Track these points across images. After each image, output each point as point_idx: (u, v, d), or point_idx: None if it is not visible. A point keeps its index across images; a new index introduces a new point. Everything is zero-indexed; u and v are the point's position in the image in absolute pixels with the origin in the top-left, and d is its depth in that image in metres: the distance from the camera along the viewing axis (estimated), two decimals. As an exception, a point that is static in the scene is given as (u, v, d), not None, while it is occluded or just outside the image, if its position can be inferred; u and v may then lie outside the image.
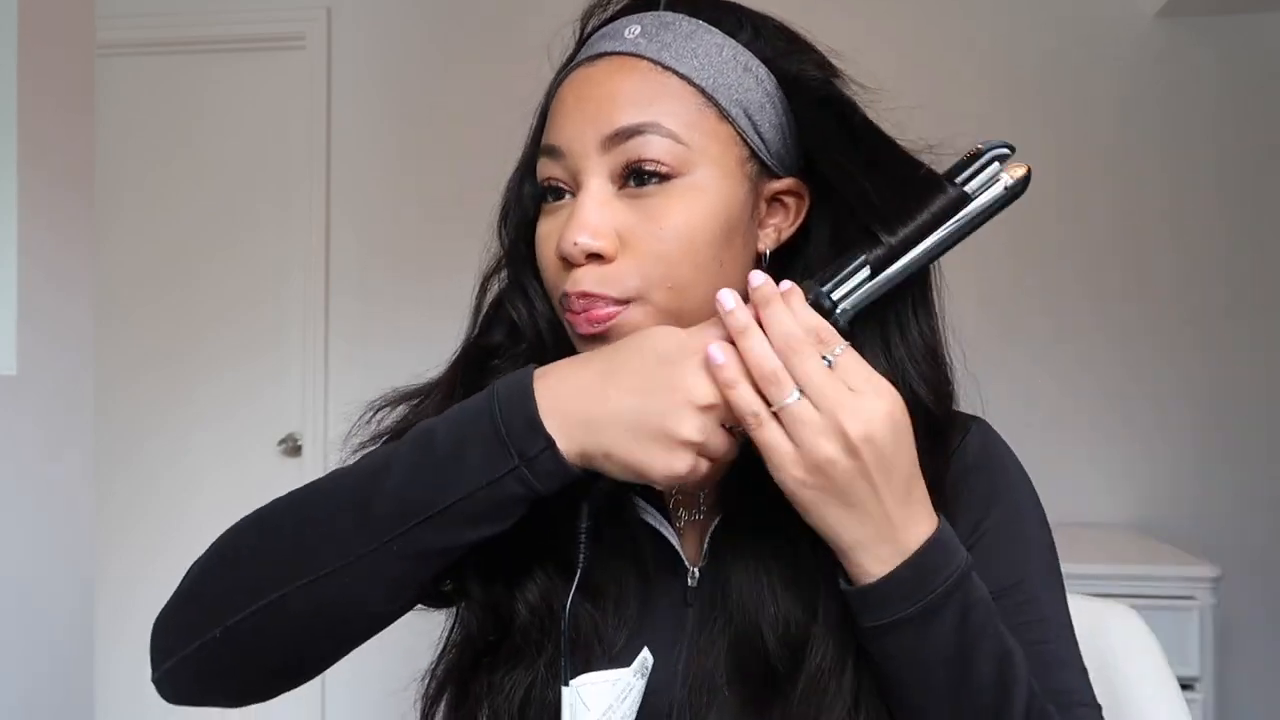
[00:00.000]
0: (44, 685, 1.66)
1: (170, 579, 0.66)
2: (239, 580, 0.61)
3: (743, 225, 0.65)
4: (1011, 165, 0.61)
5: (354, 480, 0.61)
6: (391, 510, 0.58)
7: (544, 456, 0.57)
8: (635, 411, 0.57)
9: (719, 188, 0.63)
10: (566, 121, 0.65)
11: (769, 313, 0.57)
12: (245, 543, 0.62)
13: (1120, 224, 2.47)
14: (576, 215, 0.63)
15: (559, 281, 0.65)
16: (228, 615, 0.60)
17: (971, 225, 0.62)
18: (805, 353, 0.56)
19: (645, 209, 0.63)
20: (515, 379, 0.59)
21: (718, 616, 0.66)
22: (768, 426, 0.56)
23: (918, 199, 0.61)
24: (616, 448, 0.57)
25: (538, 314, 0.71)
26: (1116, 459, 2.50)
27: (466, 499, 0.57)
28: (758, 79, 0.65)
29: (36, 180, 1.62)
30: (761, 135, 0.65)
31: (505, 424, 0.57)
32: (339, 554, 0.58)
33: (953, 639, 0.58)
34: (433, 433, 0.59)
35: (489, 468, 0.57)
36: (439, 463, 0.58)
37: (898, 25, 2.57)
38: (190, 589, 0.63)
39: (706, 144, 0.63)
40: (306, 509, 0.61)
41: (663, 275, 0.62)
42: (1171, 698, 0.90)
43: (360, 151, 2.81)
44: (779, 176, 0.67)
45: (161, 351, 2.89)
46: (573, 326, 0.65)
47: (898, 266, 0.61)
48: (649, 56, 0.64)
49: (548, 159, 0.66)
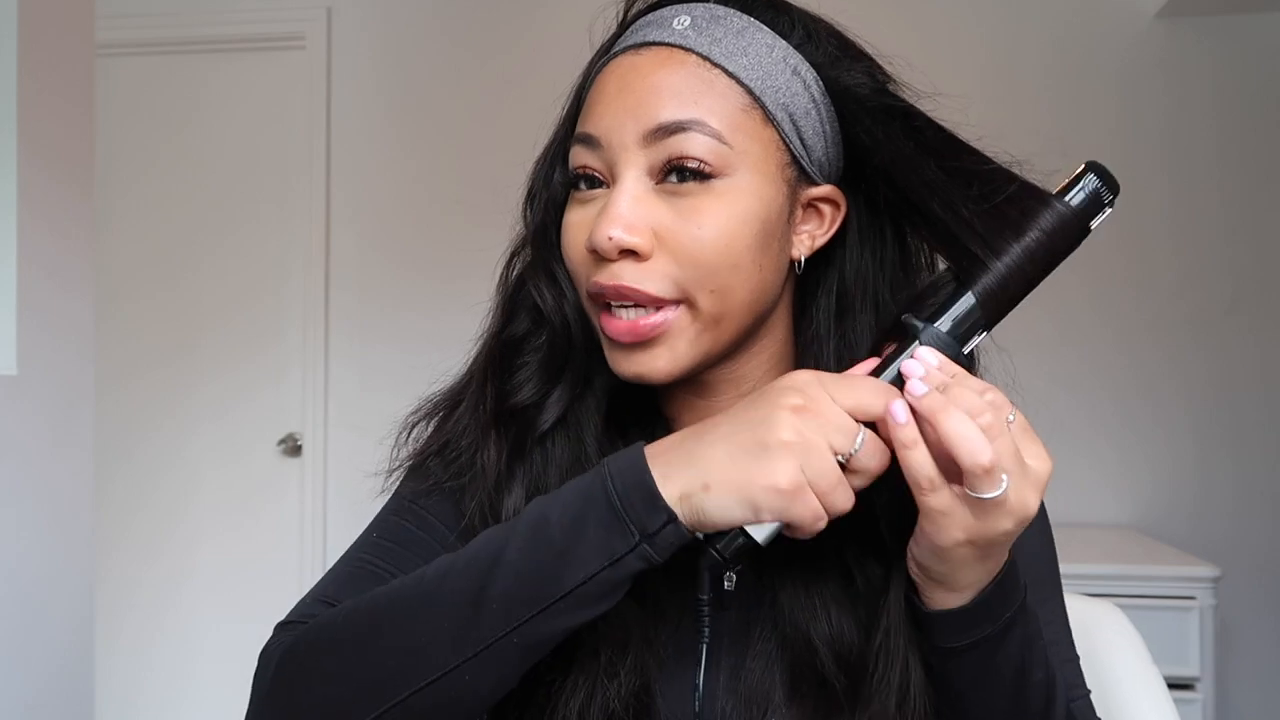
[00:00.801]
0: (44, 685, 1.66)
1: (170, 579, 0.65)
2: (358, 683, 0.57)
3: (779, 230, 0.63)
4: (1105, 188, 0.60)
5: (468, 572, 0.57)
6: (512, 602, 0.55)
7: (665, 531, 0.54)
8: (730, 433, 0.54)
9: (759, 191, 0.62)
10: (606, 111, 0.62)
11: (957, 396, 0.54)
12: (355, 638, 0.58)
13: (1120, 224, 2.46)
14: (611, 208, 0.61)
15: (588, 274, 0.63)
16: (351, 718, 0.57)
17: (1072, 244, 0.59)
18: (1004, 436, 0.53)
19: (683, 207, 0.61)
20: (627, 453, 0.57)
21: (760, 626, 0.65)
22: (942, 492, 0.54)
23: (1019, 215, 0.58)
24: (715, 473, 0.54)
25: (567, 302, 0.68)
26: (1116, 459, 2.50)
27: (587, 582, 0.54)
28: (805, 84, 0.63)
29: (36, 180, 1.62)
30: (804, 141, 0.63)
31: (623, 501, 0.54)
32: (460, 650, 0.56)
33: (1017, 658, 0.59)
34: (546, 517, 0.56)
35: (609, 548, 0.54)
36: (556, 550, 0.55)
37: (897, 25, 2.57)
38: (290, 687, 0.59)
39: (749, 145, 0.61)
40: (421, 604, 0.57)
41: (702, 277, 0.61)
42: (1156, 693, 0.92)
43: (360, 151, 2.81)
44: (816, 183, 0.65)
45: (161, 350, 2.89)
46: (606, 331, 0.63)
47: (1006, 294, 0.58)
48: (698, 51, 0.62)
49: (583, 147, 0.64)
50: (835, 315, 0.67)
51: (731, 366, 0.68)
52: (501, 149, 0.82)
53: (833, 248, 0.67)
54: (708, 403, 0.70)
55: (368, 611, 0.59)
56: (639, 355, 0.63)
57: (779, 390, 0.55)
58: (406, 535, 0.70)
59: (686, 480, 0.54)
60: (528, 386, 0.69)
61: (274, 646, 0.62)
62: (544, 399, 0.69)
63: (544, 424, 0.68)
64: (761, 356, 0.69)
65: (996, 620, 0.58)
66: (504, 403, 0.69)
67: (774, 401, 0.54)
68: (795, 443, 0.53)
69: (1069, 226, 0.59)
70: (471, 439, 0.69)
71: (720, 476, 0.53)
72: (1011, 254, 0.59)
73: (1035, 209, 0.59)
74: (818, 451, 0.53)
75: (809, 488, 0.53)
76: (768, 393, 0.55)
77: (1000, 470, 0.52)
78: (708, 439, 0.55)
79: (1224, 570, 2.06)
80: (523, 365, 0.69)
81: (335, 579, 0.68)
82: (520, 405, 0.69)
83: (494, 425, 0.68)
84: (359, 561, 0.69)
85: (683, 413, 0.71)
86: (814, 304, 0.68)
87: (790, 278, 0.67)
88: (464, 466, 0.69)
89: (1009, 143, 0.63)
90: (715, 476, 0.54)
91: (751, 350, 0.68)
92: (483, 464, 0.68)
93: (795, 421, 0.53)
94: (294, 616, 0.66)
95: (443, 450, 0.71)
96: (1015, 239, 0.58)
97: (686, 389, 0.70)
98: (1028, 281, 0.60)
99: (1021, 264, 0.59)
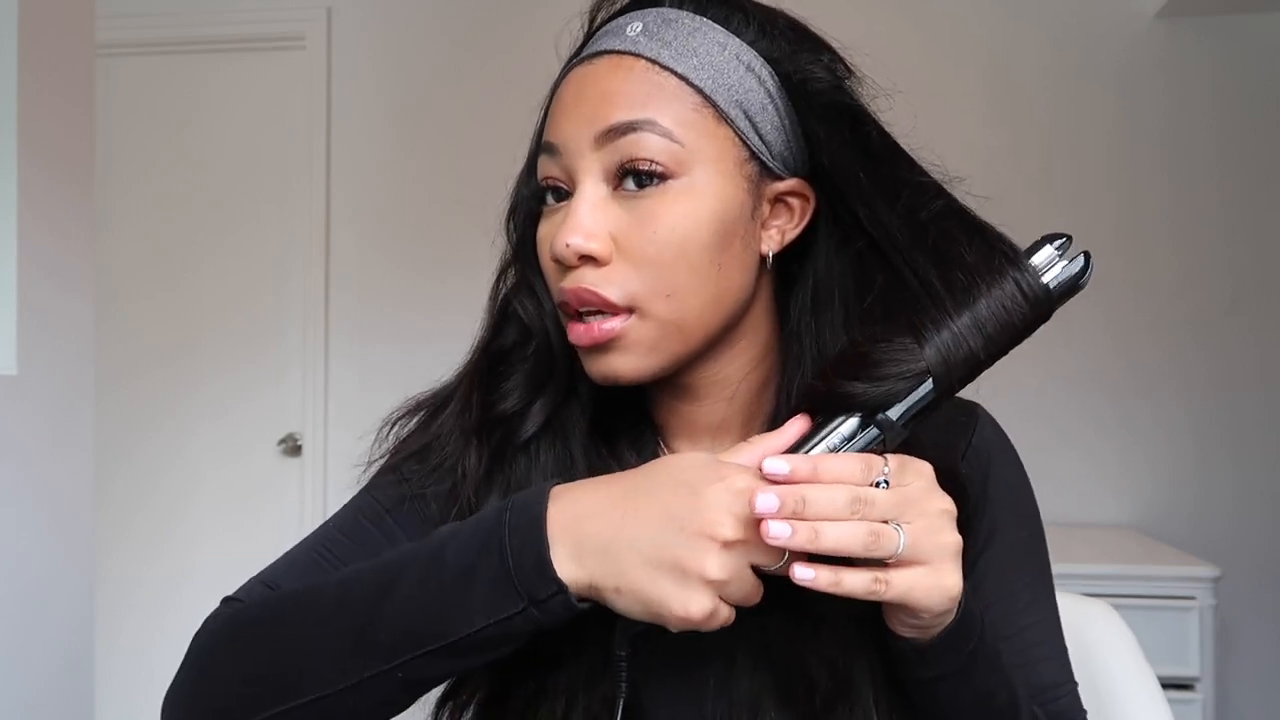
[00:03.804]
0: (44, 685, 1.66)
1: (170, 579, 0.66)
2: (245, 688, 0.59)
3: (741, 228, 0.64)
4: (1074, 257, 0.57)
5: (360, 599, 0.57)
6: (395, 639, 0.55)
7: (554, 601, 0.53)
8: (652, 541, 0.52)
9: (716, 190, 0.62)
10: (564, 119, 0.64)
11: (816, 509, 0.52)
12: (262, 637, 0.60)
13: (1120, 224, 2.48)
14: (570, 217, 0.62)
15: (556, 283, 0.64)
16: (240, 716, 0.59)
17: (1038, 320, 0.57)
18: (878, 503, 0.52)
19: (639, 212, 0.61)
20: (530, 502, 0.56)
21: (749, 633, 0.63)
22: (896, 576, 0.53)
23: (978, 261, 0.57)
24: (628, 580, 0.53)
25: (545, 313, 0.69)
26: (1116, 459, 2.50)
27: (473, 634, 0.54)
28: (760, 79, 0.64)
29: (36, 179, 1.62)
30: (762, 136, 0.64)
31: (515, 562, 0.54)
32: (346, 674, 0.56)
33: (985, 679, 0.60)
34: (443, 554, 0.56)
35: (495, 607, 0.54)
36: (445, 595, 0.55)
37: (897, 25, 2.57)
38: (207, 669, 0.62)
39: (703, 144, 0.62)
40: (310, 625, 0.58)
41: (658, 282, 0.61)
42: (1151, 693, 0.92)
43: (360, 151, 2.81)
44: (781, 178, 0.65)
45: (161, 350, 2.89)
46: (570, 337, 0.64)
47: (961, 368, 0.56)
48: (646, 55, 0.63)
49: (546, 156, 0.65)
50: (812, 311, 0.67)
51: (713, 368, 0.68)
52: (501, 149, 0.81)
53: (808, 241, 0.67)
54: (693, 407, 0.70)
55: (279, 613, 0.60)
56: (603, 358, 0.63)
57: (710, 506, 0.52)
58: (364, 535, 0.70)
59: (597, 574, 0.53)
60: (512, 396, 0.70)
61: (210, 622, 0.64)
62: (527, 408, 0.70)
63: (526, 432, 0.69)
64: (743, 358, 0.68)
65: (962, 651, 0.59)
66: (488, 411, 0.70)
67: (704, 523, 0.52)
68: (720, 580, 0.52)
69: (1040, 310, 0.57)
70: (455, 446, 0.70)
71: (634, 586, 0.53)
72: (970, 312, 0.56)
73: (1006, 279, 0.57)
74: (739, 579, 0.53)
75: (721, 608, 0.53)
76: (699, 499, 0.52)
77: (880, 542, 0.52)
78: (627, 535, 0.53)
79: (1224, 570, 2.06)
80: (509, 376, 0.70)
81: (284, 564, 0.70)
82: (504, 414, 0.69)
83: (476, 433, 0.69)
84: (312, 550, 0.70)
85: (669, 418, 0.71)
86: (792, 300, 0.68)
87: (765, 275, 0.67)
88: (446, 472, 0.70)
89: (1007, 143, 0.63)
90: (628, 583, 0.53)
91: (732, 350, 0.68)
92: (463, 470, 0.69)
93: (724, 560, 0.52)
94: (237, 594, 0.69)
95: (423, 452, 0.72)
96: (970, 294, 0.57)
97: (671, 394, 0.70)
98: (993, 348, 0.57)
99: (987, 340, 0.56)
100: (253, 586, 0.69)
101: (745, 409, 0.70)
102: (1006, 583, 0.69)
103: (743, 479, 0.53)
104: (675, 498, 0.53)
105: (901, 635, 0.59)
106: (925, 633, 0.58)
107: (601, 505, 0.55)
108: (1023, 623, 0.69)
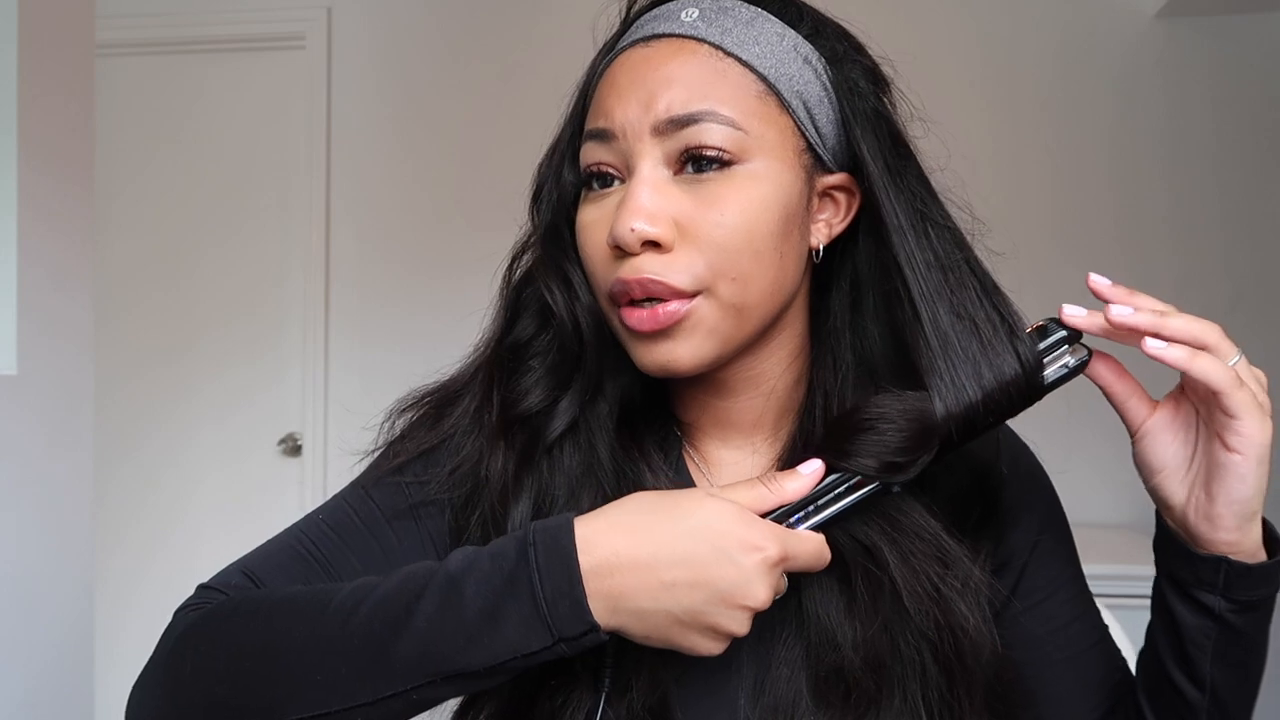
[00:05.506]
0: (44, 685, 1.66)
1: (170, 579, 0.65)
2: (247, 694, 0.56)
3: (799, 218, 0.63)
4: (1075, 348, 0.62)
5: (375, 622, 0.54)
6: (414, 665, 0.53)
7: (585, 638, 0.53)
8: (689, 610, 0.53)
9: (778, 177, 0.61)
10: (619, 104, 0.61)
11: (1139, 302, 0.61)
12: (255, 648, 0.56)
13: (1120, 224, 2.47)
14: (631, 201, 0.59)
15: (609, 271, 0.61)
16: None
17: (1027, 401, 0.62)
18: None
19: (703, 196, 0.60)
20: (556, 539, 0.54)
21: (785, 629, 0.64)
22: (1242, 390, 0.60)
23: (991, 334, 0.60)
24: (661, 635, 0.54)
25: (579, 303, 0.66)
26: (1116, 459, 2.49)
27: (495, 665, 0.53)
28: (816, 72, 0.63)
29: (36, 180, 1.62)
30: (818, 128, 0.63)
31: (550, 610, 0.52)
32: (354, 695, 0.54)
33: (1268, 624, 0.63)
34: (460, 588, 0.54)
35: (523, 643, 0.53)
36: (467, 629, 0.53)
37: (897, 24, 2.57)
38: (183, 667, 0.58)
39: (765, 132, 0.61)
40: (324, 640, 0.55)
41: (725, 265, 0.60)
42: None
43: (360, 151, 2.81)
44: (831, 171, 0.65)
45: (161, 350, 2.89)
46: (626, 322, 0.61)
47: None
48: (710, 40, 0.61)
49: (595, 143, 0.63)
50: (851, 309, 0.66)
51: (750, 363, 0.67)
52: (501, 149, 0.82)
53: (849, 239, 0.67)
54: (728, 403, 0.69)
55: (274, 624, 0.57)
56: (662, 345, 0.61)
57: (749, 581, 0.54)
58: (354, 536, 0.67)
59: (630, 625, 0.54)
60: (535, 392, 0.67)
61: (185, 614, 0.62)
62: (553, 405, 0.67)
63: (554, 431, 0.67)
64: (780, 353, 0.68)
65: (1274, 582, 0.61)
66: (511, 410, 0.67)
67: (744, 596, 0.54)
68: (769, 598, 0.55)
69: (1034, 395, 0.63)
70: (475, 448, 0.67)
71: (666, 638, 0.55)
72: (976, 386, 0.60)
73: (1010, 356, 0.61)
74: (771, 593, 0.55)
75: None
76: (739, 572, 0.54)
77: (1221, 348, 0.61)
78: (664, 604, 0.53)
79: (1224, 570, 2.06)
80: (528, 370, 0.68)
81: (267, 554, 0.68)
82: (528, 412, 0.67)
83: (501, 434, 0.66)
84: (297, 544, 0.67)
85: (700, 415, 0.70)
86: (830, 296, 0.67)
87: (809, 269, 0.67)
88: (465, 477, 0.67)
89: (1007, 143, 0.63)
90: (660, 636, 0.54)
91: (770, 346, 0.67)
92: (487, 474, 0.66)
93: (771, 579, 0.55)
94: (215, 583, 0.66)
95: (432, 453, 0.69)
96: (977, 378, 0.60)
97: (704, 389, 0.68)
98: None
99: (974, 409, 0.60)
100: (232, 574, 0.66)
101: (779, 405, 0.69)
102: (1063, 572, 0.72)
103: (774, 546, 0.55)
104: (717, 570, 0.53)
105: (1221, 546, 0.60)
106: (1244, 534, 0.59)
107: (633, 554, 0.54)
108: (1078, 610, 0.72)
